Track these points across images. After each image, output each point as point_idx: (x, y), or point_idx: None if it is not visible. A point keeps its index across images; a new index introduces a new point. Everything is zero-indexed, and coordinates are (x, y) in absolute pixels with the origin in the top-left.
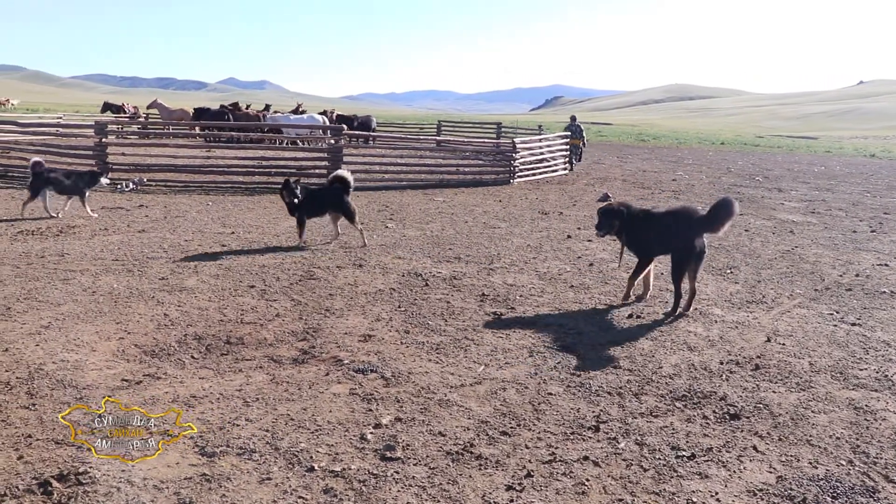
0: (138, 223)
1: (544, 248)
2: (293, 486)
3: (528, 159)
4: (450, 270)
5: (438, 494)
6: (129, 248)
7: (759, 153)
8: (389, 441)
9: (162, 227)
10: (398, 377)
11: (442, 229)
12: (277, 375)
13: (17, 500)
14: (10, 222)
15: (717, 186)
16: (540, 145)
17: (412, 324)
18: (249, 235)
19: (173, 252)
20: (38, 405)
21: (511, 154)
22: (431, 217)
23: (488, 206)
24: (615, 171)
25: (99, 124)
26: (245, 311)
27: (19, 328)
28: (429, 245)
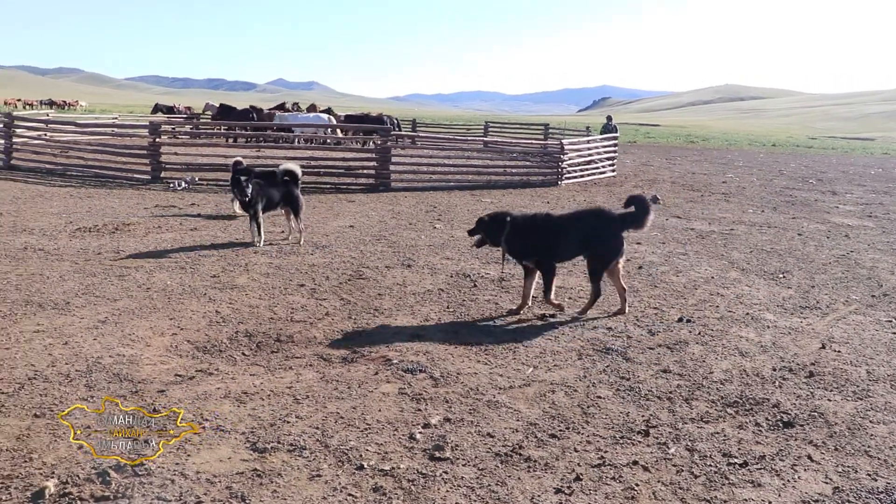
0: (190, 222)
1: None
2: (343, 484)
3: (575, 161)
4: (497, 272)
5: (487, 495)
6: (182, 247)
7: (812, 155)
8: (438, 441)
9: (213, 226)
10: (447, 377)
11: None
12: (327, 374)
13: (77, 487)
14: (69, 221)
15: (768, 189)
16: (588, 147)
17: (461, 324)
18: None
19: (224, 250)
20: (96, 398)
21: (559, 155)
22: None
23: (536, 208)
24: (664, 174)
25: (153, 124)
26: (295, 310)
27: (78, 322)
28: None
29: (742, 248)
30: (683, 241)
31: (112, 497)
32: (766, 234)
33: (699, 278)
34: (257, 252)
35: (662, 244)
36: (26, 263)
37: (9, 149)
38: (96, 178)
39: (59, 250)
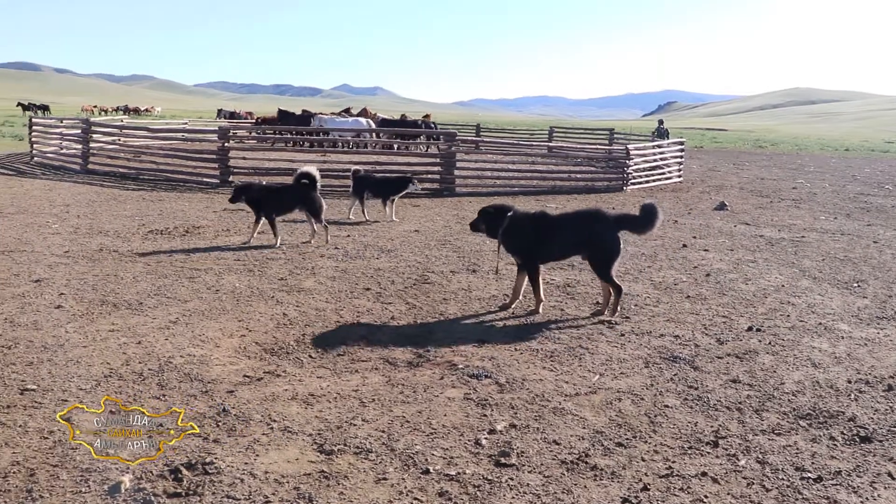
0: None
1: (659, 256)
2: (409, 488)
3: (641, 166)
4: (563, 278)
5: (552, 503)
6: (250, 249)
7: (888, 160)
8: (504, 447)
9: (280, 229)
10: (512, 383)
11: None
12: (393, 377)
13: (151, 483)
14: (142, 223)
15: (841, 195)
16: (654, 152)
17: (526, 330)
18: (364, 239)
19: (291, 253)
20: (168, 396)
21: (624, 161)
22: None
23: None
24: (731, 179)
25: (222, 129)
26: (361, 313)
27: (150, 322)
28: None
29: (814, 256)
30: (752, 249)
31: (184, 494)
32: (840, 241)
33: (769, 286)
34: (323, 256)
35: (731, 251)
36: (102, 264)
37: (86, 154)
38: (167, 182)
39: (133, 252)
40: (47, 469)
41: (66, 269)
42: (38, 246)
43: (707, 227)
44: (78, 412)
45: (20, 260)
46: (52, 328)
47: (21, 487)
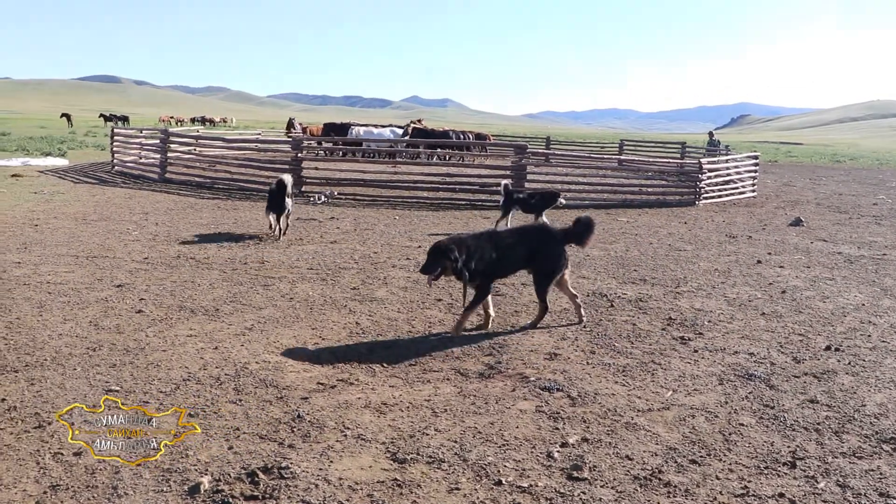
0: (330, 234)
1: (733, 272)
2: (481, 498)
3: (714, 180)
4: (635, 292)
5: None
6: (323, 258)
7: None
8: (576, 461)
9: (352, 238)
10: (584, 397)
11: (626, 250)
12: (465, 388)
13: (229, 486)
14: (217, 231)
15: None
16: (727, 166)
17: (598, 344)
18: None
19: (363, 263)
20: (244, 401)
21: (697, 175)
22: (615, 237)
23: (673, 228)
24: (807, 194)
25: (295, 140)
26: (433, 324)
27: (226, 328)
28: (613, 265)
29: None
30: (830, 266)
31: (260, 497)
32: None
33: (848, 305)
34: (395, 266)
35: (807, 268)
36: (180, 271)
37: (164, 163)
38: (241, 192)
39: (209, 259)
40: (131, 468)
41: (146, 275)
42: (120, 252)
43: (782, 243)
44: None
45: (103, 265)
46: (134, 332)
47: (107, 484)
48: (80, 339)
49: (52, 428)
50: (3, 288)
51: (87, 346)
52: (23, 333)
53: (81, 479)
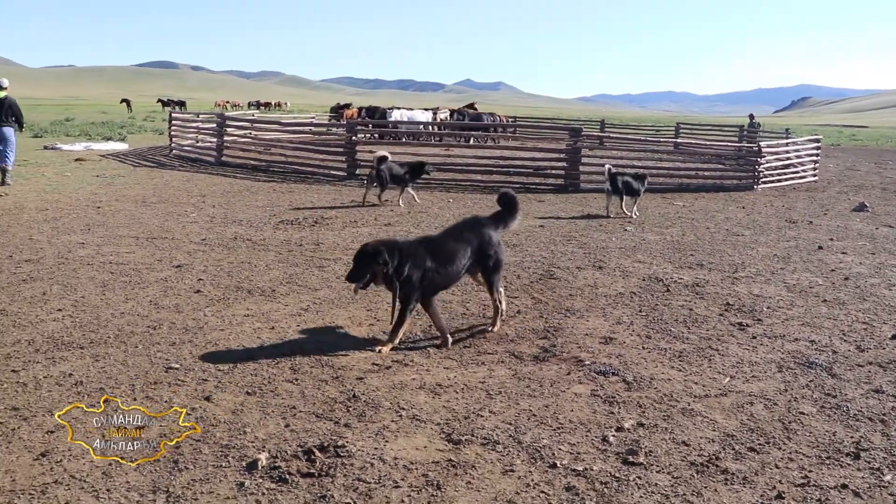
0: (384, 217)
1: (793, 258)
2: (535, 481)
3: (773, 164)
4: (692, 277)
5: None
6: None
7: None
8: (632, 445)
9: (406, 221)
10: (640, 382)
11: (682, 234)
12: (519, 371)
13: (286, 462)
14: (273, 213)
15: None
16: (787, 149)
17: (654, 329)
18: None
19: None
20: (300, 380)
21: (755, 158)
22: (671, 221)
23: (730, 213)
24: (872, 179)
25: (349, 124)
26: (487, 307)
27: (282, 309)
28: (669, 250)
29: None
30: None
31: (317, 474)
32: None
33: None
34: None
35: (872, 255)
36: (236, 252)
37: (220, 147)
38: (296, 174)
39: (265, 241)
40: (190, 443)
41: (204, 256)
42: (178, 234)
43: (845, 228)
44: (78, 410)
45: (162, 246)
46: (192, 311)
47: (168, 458)
48: (141, 317)
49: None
50: (69, 268)
51: (148, 324)
52: (87, 312)
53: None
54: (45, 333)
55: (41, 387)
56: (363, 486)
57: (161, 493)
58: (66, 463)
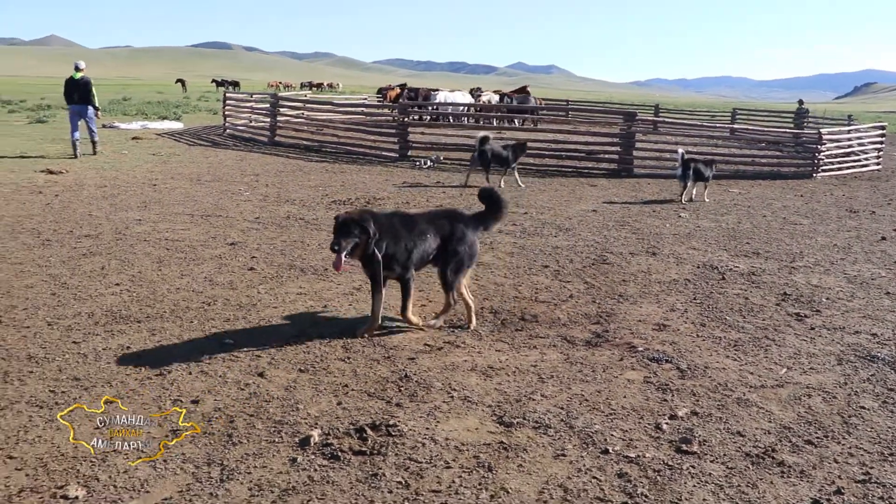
0: (436, 199)
1: (853, 249)
2: (587, 466)
3: (834, 152)
4: (747, 265)
5: (737, 496)
6: None
7: None
8: (685, 434)
9: (458, 203)
10: (694, 370)
11: (738, 222)
12: (571, 356)
13: (338, 440)
14: (325, 193)
15: None
16: (849, 137)
17: (708, 317)
18: (542, 216)
19: None
20: (352, 359)
21: (815, 146)
22: (726, 209)
23: (788, 201)
24: None
25: (401, 105)
26: (539, 290)
27: (335, 288)
28: (724, 237)
29: None
30: None
31: (368, 452)
32: None
33: None
34: (502, 231)
35: None
36: (289, 231)
37: (273, 126)
38: (348, 155)
39: (317, 220)
40: (244, 418)
41: (257, 234)
42: (232, 212)
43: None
44: (79, 411)
45: (216, 224)
46: (246, 288)
47: (222, 432)
48: (196, 293)
49: (171, 376)
50: (126, 243)
51: (203, 300)
52: (144, 287)
53: (199, 426)
54: (103, 307)
55: (100, 358)
56: (414, 465)
57: (216, 465)
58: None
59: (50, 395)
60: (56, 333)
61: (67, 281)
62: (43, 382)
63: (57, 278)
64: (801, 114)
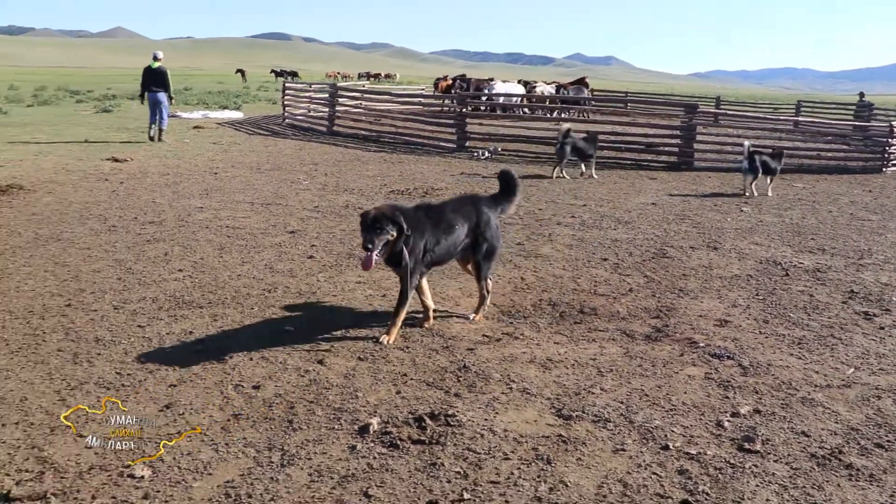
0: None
1: None
2: (647, 461)
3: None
4: (812, 262)
5: (802, 498)
6: None
7: None
8: (748, 432)
9: (539, 199)
10: (756, 367)
11: (802, 217)
12: (631, 350)
13: (397, 428)
14: (383, 183)
15: None
16: None
17: (771, 314)
18: (601, 209)
19: (527, 219)
20: (411, 348)
21: (886, 139)
22: (790, 203)
23: (856, 196)
24: None
25: (460, 96)
26: (598, 283)
27: (393, 277)
28: (788, 233)
29: None
30: None
31: (427, 442)
32: None
33: None
34: (560, 224)
35: None
36: (348, 220)
37: (332, 116)
38: (406, 145)
39: None
40: (304, 404)
41: (317, 223)
42: (291, 200)
43: None
44: (81, 412)
45: (276, 212)
46: (306, 276)
47: (283, 418)
48: (257, 280)
49: (232, 361)
50: (188, 230)
51: (264, 287)
52: (206, 273)
53: (260, 411)
54: (167, 292)
55: (164, 342)
56: (473, 456)
57: (276, 450)
58: (187, 416)
59: (116, 377)
60: (122, 317)
61: (132, 266)
62: (110, 364)
63: (123, 263)
64: (864, 106)
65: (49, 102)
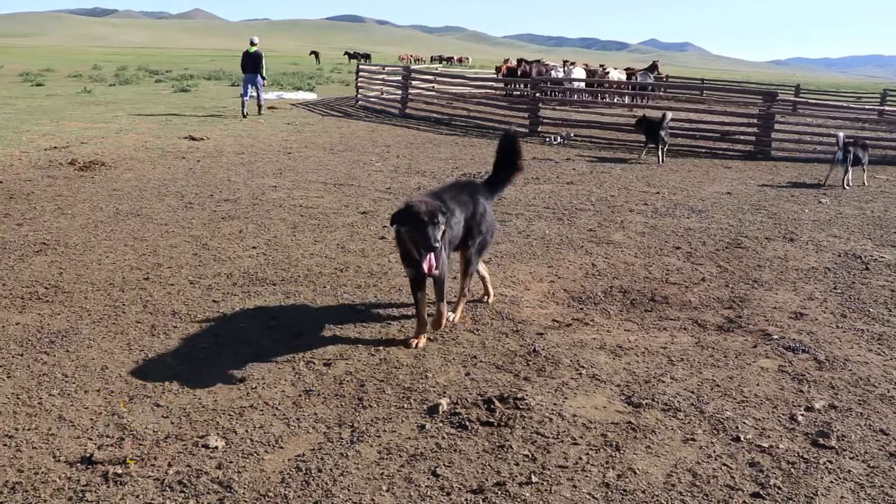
0: (566, 175)
1: None
2: (717, 452)
3: None
4: (894, 256)
5: (879, 497)
6: (559, 199)
7: None
8: (822, 427)
9: (588, 181)
10: (833, 362)
11: (885, 210)
12: (702, 340)
13: (466, 410)
14: (455, 166)
15: None
16: None
17: (849, 308)
18: (674, 197)
19: (600, 206)
20: (481, 331)
21: None
22: (871, 196)
23: None
24: None
25: (534, 81)
26: (670, 272)
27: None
28: (869, 226)
29: None
30: None
31: (496, 424)
32: None
33: None
34: (632, 211)
35: None
36: None
37: (405, 99)
38: (478, 129)
39: None
40: (374, 383)
41: (388, 205)
42: (364, 182)
43: None
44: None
45: (349, 193)
46: (377, 257)
47: (353, 395)
48: (329, 259)
49: (304, 338)
50: (262, 209)
51: (335, 266)
52: (279, 251)
53: (331, 388)
54: (241, 268)
55: (238, 318)
56: (541, 439)
57: (346, 426)
58: (260, 390)
59: (191, 349)
60: (198, 292)
61: (208, 242)
62: (186, 337)
63: (198, 239)
64: None
65: (130, 82)
